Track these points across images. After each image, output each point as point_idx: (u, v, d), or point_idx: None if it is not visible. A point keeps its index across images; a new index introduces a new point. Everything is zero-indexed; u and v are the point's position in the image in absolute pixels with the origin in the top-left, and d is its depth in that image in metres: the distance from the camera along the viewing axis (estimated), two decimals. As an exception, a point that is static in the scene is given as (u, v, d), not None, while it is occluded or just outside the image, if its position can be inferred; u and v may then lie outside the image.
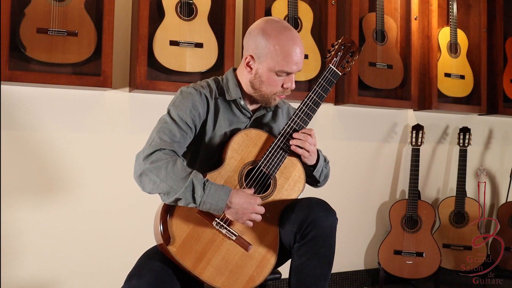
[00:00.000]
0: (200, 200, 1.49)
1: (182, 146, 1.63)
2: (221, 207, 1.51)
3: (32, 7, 2.36)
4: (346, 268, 3.29)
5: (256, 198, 1.56)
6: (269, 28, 1.63)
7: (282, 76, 1.65)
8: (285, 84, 1.67)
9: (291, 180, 1.68)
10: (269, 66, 1.62)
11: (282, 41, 1.61)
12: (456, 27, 3.46)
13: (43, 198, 2.51)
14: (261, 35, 1.63)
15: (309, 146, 1.66)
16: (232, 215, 1.55)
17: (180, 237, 1.52)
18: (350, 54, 1.73)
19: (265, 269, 1.59)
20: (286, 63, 1.62)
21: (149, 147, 1.55)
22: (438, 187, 3.62)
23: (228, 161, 1.62)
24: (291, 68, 1.63)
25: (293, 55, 1.62)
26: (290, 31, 1.64)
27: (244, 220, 1.55)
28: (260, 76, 1.65)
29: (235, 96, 1.71)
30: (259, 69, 1.65)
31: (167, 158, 1.52)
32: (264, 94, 1.68)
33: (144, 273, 1.48)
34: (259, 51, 1.63)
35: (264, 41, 1.62)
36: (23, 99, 2.48)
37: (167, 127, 1.59)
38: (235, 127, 1.72)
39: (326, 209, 1.58)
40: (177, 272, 1.53)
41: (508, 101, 3.61)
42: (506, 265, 3.44)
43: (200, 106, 1.66)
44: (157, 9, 2.69)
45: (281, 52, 1.61)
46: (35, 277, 2.49)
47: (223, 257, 1.55)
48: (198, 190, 1.49)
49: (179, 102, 1.65)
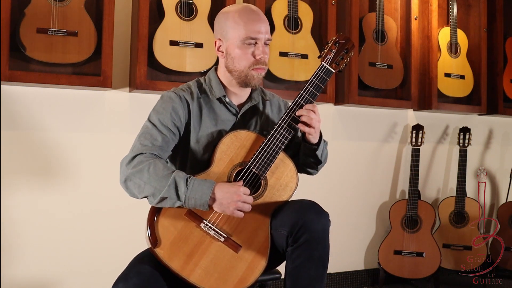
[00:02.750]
0: (184, 196, 1.49)
1: (165, 150, 1.63)
2: (205, 201, 1.50)
3: (32, 7, 2.36)
4: (346, 268, 3.29)
5: (242, 187, 1.55)
6: (228, 8, 1.73)
7: (251, 46, 1.66)
8: (256, 54, 1.66)
9: (283, 180, 1.65)
10: (234, 38, 1.65)
11: (242, 12, 1.67)
12: (456, 27, 3.46)
13: (43, 198, 2.51)
14: (222, 15, 1.71)
15: (315, 122, 1.64)
16: (218, 207, 1.53)
17: (168, 240, 1.51)
18: (345, 50, 1.71)
19: (256, 271, 1.56)
20: (248, 29, 1.64)
21: (131, 153, 1.58)
22: (438, 187, 3.62)
23: (217, 163, 1.60)
24: (255, 34, 1.65)
25: (254, 21, 1.66)
26: (248, 6, 1.71)
27: (232, 211, 1.53)
28: (230, 54, 1.68)
29: (219, 94, 1.71)
30: (228, 47, 1.68)
31: (148, 160, 1.53)
32: (240, 72, 1.68)
33: (131, 276, 1.47)
34: (223, 30, 1.69)
35: (225, 18, 1.69)
36: (23, 99, 2.48)
37: (148, 132, 1.62)
38: (221, 126, 1.71)
39: (317, 212, 1.55)
40: (166, 276, 1.51)
41: (508, 101, 3.61)
42: (506, 265, 3.44)
43: (180, 109, 1.66)
44: (157, 9, 2.69)
45: (241, 21, 1.65)
46: (34, 277, 2.49)
47: (211, 259, 1.53)
48: (181, 187, 1.49)
49: (159, 107, 1.67)
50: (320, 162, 1.80)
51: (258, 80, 1.70)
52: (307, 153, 1.75)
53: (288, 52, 2.88)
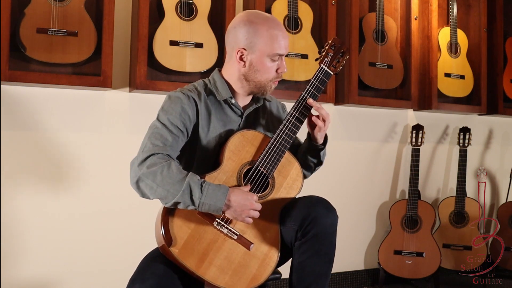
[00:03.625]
0: (199, 202, 1.50)
1: (175, 150, 1.63)
2: (220, 207, 1.52)
3: (32, 7, 2.36)
4: (346, 268, 3.29)
5: (253, 195, 1.58)
6: (253, 18, 1.69)
7: (275, 60, 1.69)
8: (280, 69, 1.72)
9: (289, 178, 1.69)
10: (263, 52, 1.67)
11: (270, 26, 1.67)
12: (456, 27, 3.46)
13: (43, 198, 2.51)
14: (249, 26, 1.67)
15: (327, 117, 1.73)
16: (231, 213, 1.56)
17: (182, 239, 1.52)
18: (340, 54, 1.77)
19: (268, 267, 1.60)
20: (279, 46, 1.67)
21: (143, 153, 1.56)
22: (438, 187, 3.62)
23: (226, 162, 1.62)
24: (282, 51, 1.69)
25: (282, 38, 1.69)
26: (273, 18, 1.72)
27: (243, 218, 1.56)
28: (255, 66, 1.68)
29: (226, 96, 1.73)
30: (253, 59, 1.68)
31: (161, 162, 1.52)
32: (260, 83, 1.71)
33: (147, 277, 1.48)
34: (250, 41, 1.67)
35: (254, 30, 1.67)
36: (23, 99, 2.48)
37: (158, 132, 1.61)
38: (229, 127, 1.73)
39: (326, 207, 1.59)
40: (180, 275, 1.53)
41: (508, 101, 3.61)
42: (506, 265, 3.44)
43: (189, 109, 1.67)
44: (157, 9, 2.69)
45: (272, 36, 1.66)
46: (35, 277, 2.49)
47: (225, 256, 1.56)
48: (195, 192, 1.50)
49: (168, 107, 1.66)
50: (321, 163, 1.85)
51: (272, 90, 1.76)
52: (311, 153, 1.78)
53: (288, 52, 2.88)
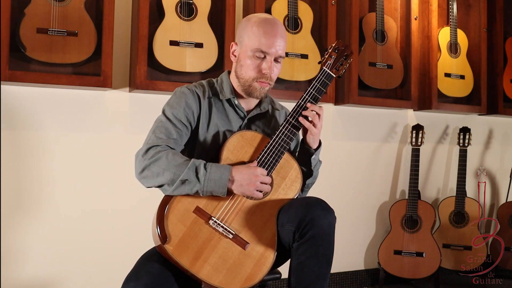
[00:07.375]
0: (204, 178, 1.52)
1: (179, 144, 1.66)
2: (224, 182, 1.53)
3: (32, 7, 2.36)
4: (346, 268, 3.29)
5: (257, 167, 1.59)
6: (253, 16, 1.73)
7: (259, 57, 1.67)
8: (262, 68, 1.67)
9: (288, 179, 1.68)
10: (247, 47, 1.67)
11: (261, 24, 1.68)
12: (456, 27, 3.46)
13: (43, 198, 2.51)
14: (244, 22, 1.73)
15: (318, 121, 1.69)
16: (238, 188, 1.56)
17: (177, 236, 1.52)
18: (344, 57, 1.76)
19: (263, 268, 1.58)
20: (261, 42, 1.65)
21: (147, 145, 1.60)
22: (438, 187, 3.62)
23: (224, 162, 1.62)
24: (266, 48, 1.65)
25: (269, 35, 1.66)
26: (272, 19, 1.71)
27: (252, 191, 1.56)
28: (240, 60, 1.70)
29: (229, 96, 1.73)
30: (240, 54, 1.70)
31: (164, 150, 1.57)
32: (245, 81, 1.70)
33: (141, 275, 1.48)
34: (240, 36, 1.71)
35: (245, 25, 1.71)
36: (23, 99, 2.48)
37: (163, 126, 1.64)
38: (229, 127, 1.74)
39: (324, 208, 1.58)
40: (176, 274, 1.53)
41: (508, 101, 3.61)
42: (506, 265, 3.44)
43: (193, 104, 1.69)
44: (157, 9, 2.69)
45: (257, 32, 1.66)
46: (35, 277, 2.49)
47: (220, 255, 1.55)
48: (200, 169, 1.53)
49: (173, 102, 1.70)
50: (311, 174, 1.80)
51: (261, 93, 1.72)
52: (303, 158, 1.76)
53: (288, 52, 2.88)
